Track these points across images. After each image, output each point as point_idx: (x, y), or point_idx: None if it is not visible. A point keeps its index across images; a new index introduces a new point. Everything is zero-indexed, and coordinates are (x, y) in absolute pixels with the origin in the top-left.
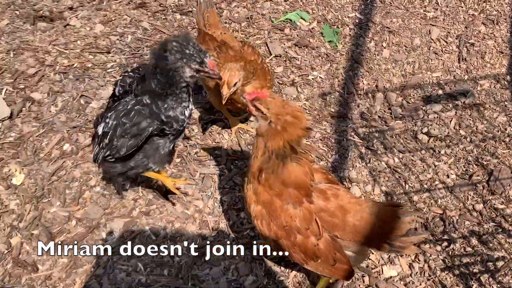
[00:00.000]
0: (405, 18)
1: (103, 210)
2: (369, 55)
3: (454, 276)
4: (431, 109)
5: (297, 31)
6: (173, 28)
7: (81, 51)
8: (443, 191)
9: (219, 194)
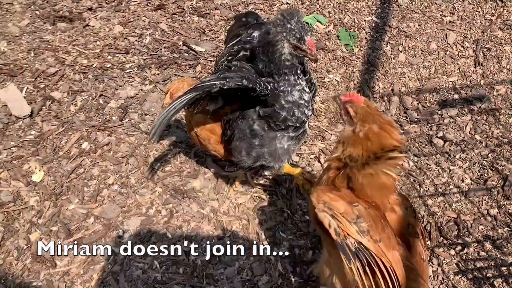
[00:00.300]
0: (421, 22)
1: (120, 208)
2: (385, 58)
3: (467, 280)
4: (446, 113)
5: (313, 34)
6: (191, 29)
7: (101, 52)
8: (457, 195)
9: (234, 195)
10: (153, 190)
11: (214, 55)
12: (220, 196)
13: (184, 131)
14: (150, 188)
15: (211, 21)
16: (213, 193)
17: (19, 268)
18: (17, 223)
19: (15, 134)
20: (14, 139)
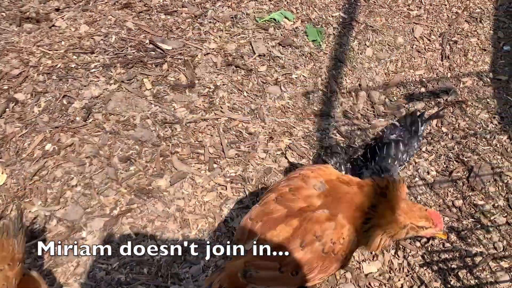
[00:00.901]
0: (388, 17)
1: (84, 210)
2: (352, 54)
3: (432, 272)
4: (413, 107)
5: (281, 30)
6: (158, 28)
7: (65, 52)
8: (423, 188)
9: (201, 193)
10: (117, 191)
11: (181, 53)
12: (186, 195)
13: (150, 130)
14: (114, 188)
15: (178, 19)
16: (179, 192)
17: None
18: None
19: None
20: None
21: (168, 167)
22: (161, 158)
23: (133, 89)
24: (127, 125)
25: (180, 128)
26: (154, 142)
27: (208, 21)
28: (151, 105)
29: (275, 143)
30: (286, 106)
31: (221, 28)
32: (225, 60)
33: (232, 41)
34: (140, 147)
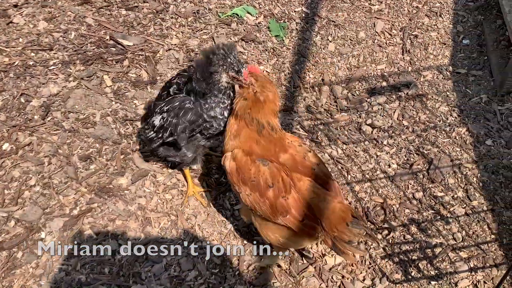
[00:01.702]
0: (350, 12)
1: (43, 210)
2: (315, 49)
3: (393, 264)
4: (375, 100)
5: (243, 25)
6: (118, 23)
7: (23, 49)
8: (384, 181)
9: (162, 191)
10: (77, 190)
11: (143, 49)
12: (148, 193)
13: (111, 128)
14: (74, 188)
15: (139, 15)
16: (141, 190)
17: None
18: None
19: None
20: None
21: (129, 165)
22: (122, 156)
23: (93, 86)
24: (87, 123)
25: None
26: (115, 140)
27: (170, 16)
28: (111, 102)
29: None
30: None
31: (183, 23)
32: (187, 56)
33: (194, 37)
34: (101, 145)
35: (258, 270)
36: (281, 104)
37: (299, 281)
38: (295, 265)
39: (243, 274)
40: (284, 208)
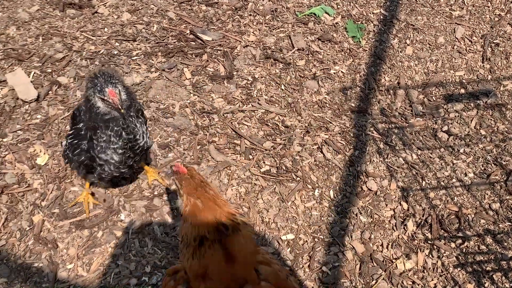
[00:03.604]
0: (430, 16)
1: (122, 194)
2: (392, 51)
3: (466, 273)
4: (452, 107)
5: (320, 25)
6: (198, 18)
7: (108, 38)
8: (460, 189)
9: (236, 183)
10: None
11: (221, 44)
12: (223, 184)
13: (189, 119)
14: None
15: (219, 11)
16: (216, 181)
17: (21, 249)
18: (21, 205)
19: (21, 117)
20: (20, 122)
21: (205, 155)
22: (198, 147)
23: (173, 78)
24: (167, 113)
25: (218, 118)
26: (192, 130)
27: (248, 13)
28: (190, 94)
29: (311, 138)
30: (323, 101)
31: (261, 21)
32: (264, 53)
33: (271, 35)
34: (179, 135)
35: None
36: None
37: (369, 283)
38: (365, 267)
39: (314, 270)
40: None
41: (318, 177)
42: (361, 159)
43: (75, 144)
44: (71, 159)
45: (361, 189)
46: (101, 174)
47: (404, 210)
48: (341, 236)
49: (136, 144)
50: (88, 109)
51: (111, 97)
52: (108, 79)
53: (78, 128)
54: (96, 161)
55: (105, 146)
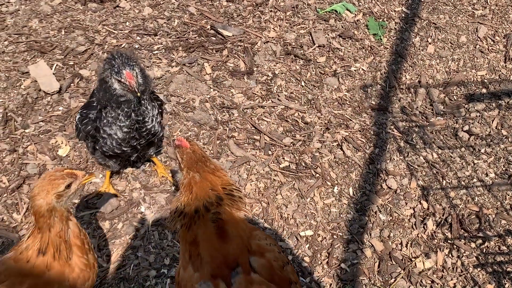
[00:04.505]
0: (452, 15)
1: (143, 186)
2: (413, 50)
3: (486, 274)
4: (473, 107)
5: (342, 22)
6: (219, 14)
7: (129, 32)
8: (480, 189)
9: (256, 179)
10: None
11: (241, 40)
12: (242, 179)
13: (209, 113)
14: (172, 168)
15: (239, 6)
16: (235, 176)
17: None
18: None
19: (43, 109)
20: (42, 114)
21: (225, 150)
22: (218, 141)
23: (194, 73)
24: (187, 107)
25: (237, 113)
26: (212, 125)
27: (269, 9)
28: (210, 89)
29: (331, 134)
30: (343, 98)
31: (282, 17)
32: (284, 49)
33: (291, 31)
34: (199, 129)
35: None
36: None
37: (388, 281)
38: (384, 265)
39: (332, 267)
40: None
41: (338, 174)
42: (381, 157)
43: (84, 114)
44: (79, 129)
45: (380, 187)
46: (103, 147)
47: (424, 209)
48: (360, 234)
49: (143, 126)
50: (104, 89)
51: (128, 80)
52: (126, 61)
53: (91, 101)
54: (100, 132)
55: (111, 121)
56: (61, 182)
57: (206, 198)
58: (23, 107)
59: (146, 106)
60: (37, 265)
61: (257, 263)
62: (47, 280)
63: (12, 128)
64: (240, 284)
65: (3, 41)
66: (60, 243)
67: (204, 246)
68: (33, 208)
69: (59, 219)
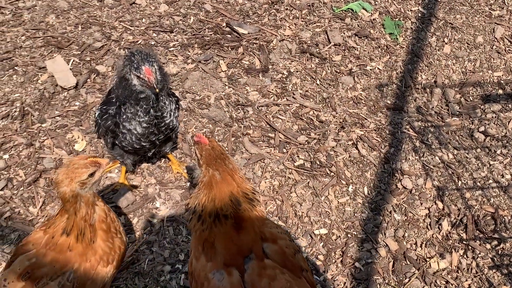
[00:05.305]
0: (469, 15)
1: (159, 181)
2: (429, 49)
3: (502, 275)
4: (489, 108)
5: (358, 21)
6: (235, 11)
7: (146, 29)
8: (496, 190)
9: (270, 176)
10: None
11: (257, 38)
12: (257, 177)
13: (223, 110)
14: (187, 163)
15: (255, 4)
16: (250, 173)
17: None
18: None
19: (60, 104)
20: (58, 108)
21: (240, 147)
22: (232, 139)
23: (209, 70)
24: (202, 104)
25: (252, 111)
26: (227, 122)
27: (284, 8)
28: (225, 86)
29: (346, 133)
30: (358, 97)
31: (297, 15)
32: (299, 47)
33: (307, 29)
34: (214, 126)
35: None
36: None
37: (402, 280)
38: (398, 264)
39: (346, 266)
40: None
41: (352, 173)
42: (396, 156)
43: (104, 110)
44: (99, 125)
45: (395, 187)
46: (122, 142)
47: (439, 210)
48: (375, 233)
49: (162, 121)
50: (123, 86)
51: (147, 75)
52: (145, 57)
53: (110, 98)
54: (119, 127)
55: (131, 117)
56: (84, 171)
57: (226, 203)
58: (40, 101)
59: (164, 102)
60: (60, 243)
61: (270, 249)
62: (68, 258)
63: (29, 122)
64: (253, 269)
65: (21, 36)
66: (85, 227)
67: (219, 239)
68: (58, 194)
69: (85, 204)
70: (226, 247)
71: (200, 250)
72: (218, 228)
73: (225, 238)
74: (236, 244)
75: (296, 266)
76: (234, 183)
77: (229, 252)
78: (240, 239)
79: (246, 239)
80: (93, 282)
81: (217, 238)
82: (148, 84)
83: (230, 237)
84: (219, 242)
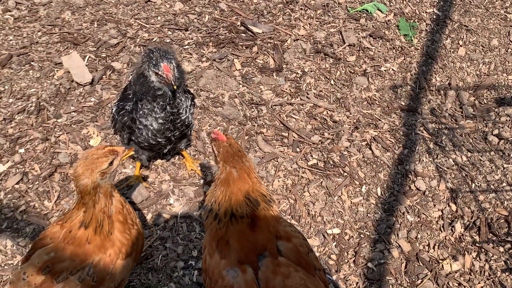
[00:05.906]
0: (484, 18)
1: (172, 178)
2: (444, 52)
3: None
4: (504, 111)
5: (372, 22)
6: (249, 11)
7: (161, 27)
8: (510, 194)
9: (283, 175)
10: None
11: (271, 37)
12: (270, 175)
13: (237, 109)
14: (202, 161)
15: (270, 4)
16: (263, 172)
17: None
18: (73, 184)
19: (75, 99)
20: (74, 104)
21: (253, 146)
22: (246, 137)
23: (224, 68)
24: (216, 102)
25: (266, 110)
26: (241, 121)
27: (299, 7)
28: (239, 85)
29: (360, 134)
30: (372, 98)
31: (312, 15)
32: (314, 47)
33: (321, 29)
34: (227, 124)
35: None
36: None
37: (415, 282)
38: (411, 266)
39: (359, 266)
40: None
41: (366, 173)
42: (410, 158)
43: (121, 106)
44: (116, 120)
45: (409, 188)
46: (138, 138)
47: (453, 212)
48: (387, 234)
49: (178, 117)
50: (141, 83)
51: (165, 72)
52: (164, 54)
53: (126, 94)
54: (136, 123)
55: (147, 113)
56: (104, 160)
57: (241, 202)
58: (56, 97)
59: (180, 98)
60: (78, 236)
61: (284, 247)
62: (86, 251)
63: (45, 117)
64: (267, 267)
65: (37, 32)
66: (104, 218)
67: (234, 236)
68: (79, 188)
69: (103, 195)
70: (240, 244)
71: (214, 247)
72: (234, 226)
73: (240, 236)
74: (250, 242)
75: (310, 264)
76: (250, 181)
77: (243, 250)
78: (255, 237)
79: (261, 237)
80: (112, 276)
81: (231, 236)
82: (166, 81)
83: (245, 235)
84: (233, 240)
